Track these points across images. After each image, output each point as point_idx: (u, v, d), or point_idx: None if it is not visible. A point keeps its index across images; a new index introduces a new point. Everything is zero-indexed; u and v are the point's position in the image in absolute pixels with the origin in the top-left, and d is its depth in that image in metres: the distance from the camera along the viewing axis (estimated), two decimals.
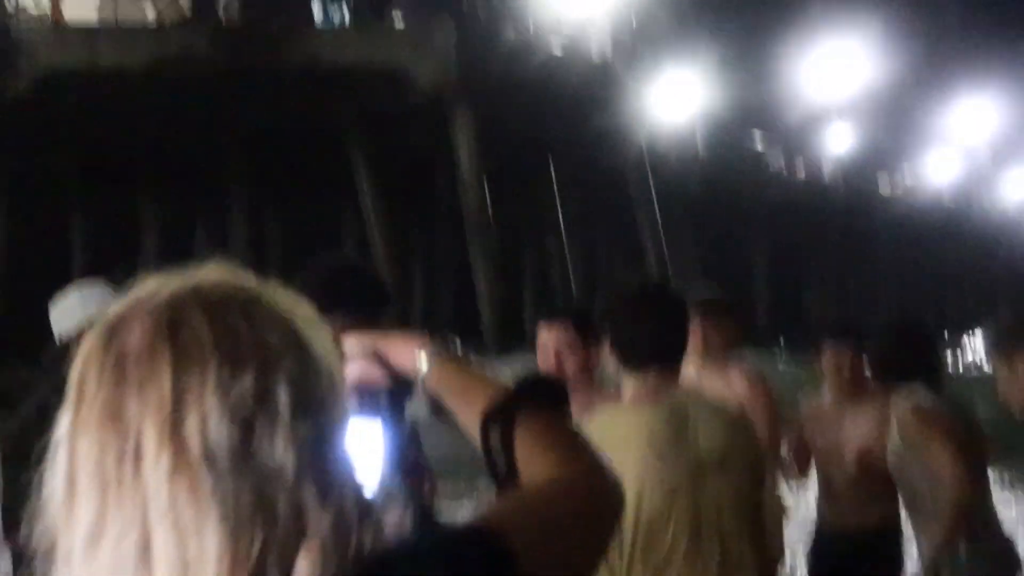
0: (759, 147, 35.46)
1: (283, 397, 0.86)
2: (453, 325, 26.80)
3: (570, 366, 3.65)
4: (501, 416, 1.15)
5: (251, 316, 0.88)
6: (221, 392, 0.85)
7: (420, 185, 26.12)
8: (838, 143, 37.53)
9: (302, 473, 0.85)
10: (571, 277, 24.89)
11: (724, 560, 2.88)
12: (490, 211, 21.38)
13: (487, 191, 21.44)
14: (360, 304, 2.48)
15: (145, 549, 0.83)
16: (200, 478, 0.83)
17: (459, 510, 6.84)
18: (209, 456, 0.83)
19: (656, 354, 2.98)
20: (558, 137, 24.41)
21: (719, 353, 4.37)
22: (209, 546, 0.82)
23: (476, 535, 0.94)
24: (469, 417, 1.20)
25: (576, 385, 3.53)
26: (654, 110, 27.80)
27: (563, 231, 24.95)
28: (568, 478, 1.07)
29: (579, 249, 28.09)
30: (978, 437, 4.02)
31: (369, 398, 1.33)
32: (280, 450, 0.85)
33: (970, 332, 33.46)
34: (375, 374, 1.34)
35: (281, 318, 0.90)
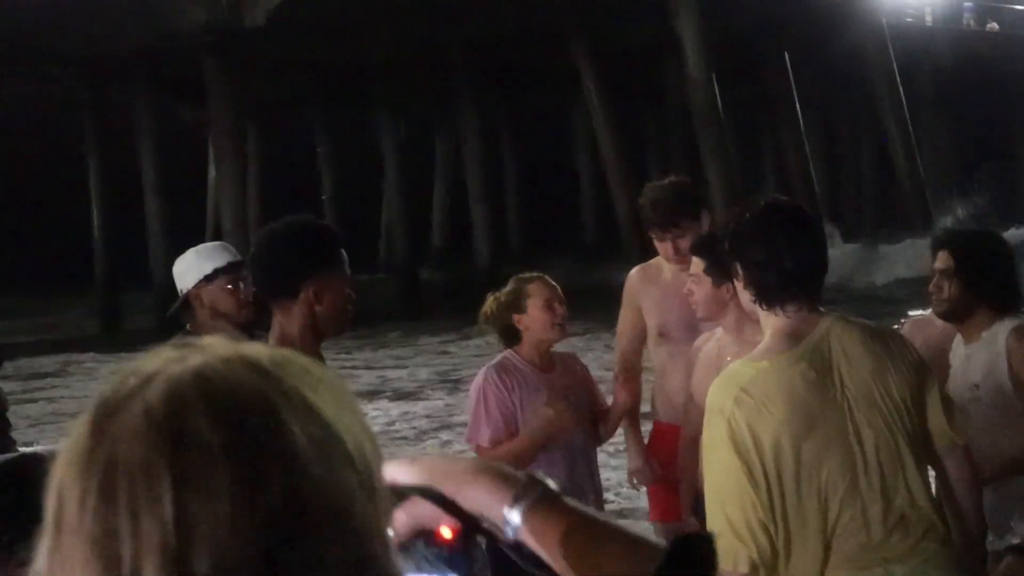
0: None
1: (315, 511, 0.70)
2: None
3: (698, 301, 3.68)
4: None
5: (270, 410, 0.71)
6: (237, 512, 0.69)
7: (647, 82, 25.51)
8: None
9: None
10: (811, 173, 23.69)
11: (888, 495, 2.58)
12: (719, 107, 20.56)
13: (716, 85, 20.59)
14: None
15: None
16: None
17: None
18: None
19: (794, 288, 2.57)
20: (790, 19, 23.12)
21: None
22: None
23: None
24: None
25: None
26: None
27: (800, 122, 23.74)
28: None
29: (818, 140, 26.71)
30: None
31: (429, 551, 1.02)
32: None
33: None
34: (439, 520, 1.01)
35: (307, 406, 0.73)
